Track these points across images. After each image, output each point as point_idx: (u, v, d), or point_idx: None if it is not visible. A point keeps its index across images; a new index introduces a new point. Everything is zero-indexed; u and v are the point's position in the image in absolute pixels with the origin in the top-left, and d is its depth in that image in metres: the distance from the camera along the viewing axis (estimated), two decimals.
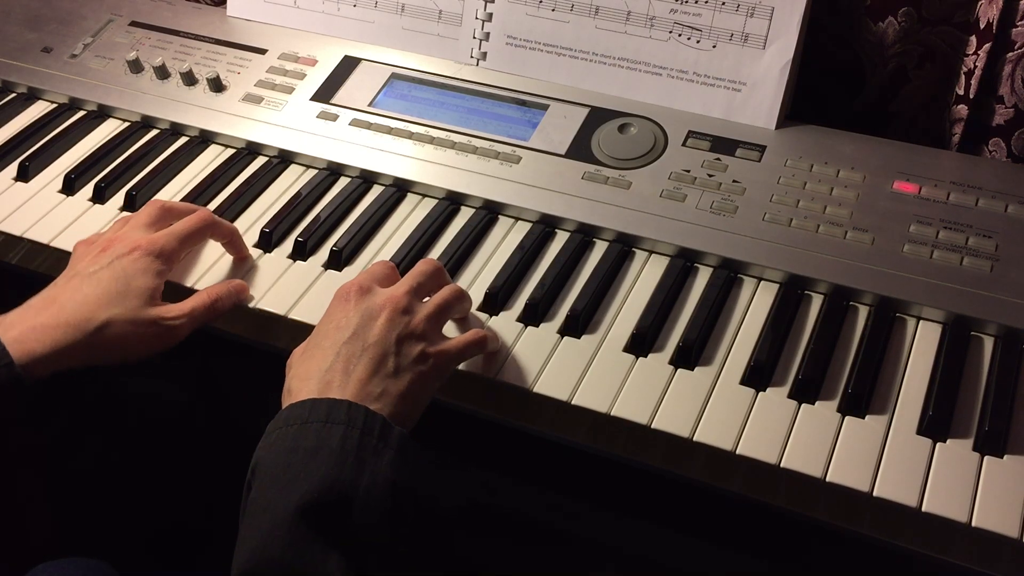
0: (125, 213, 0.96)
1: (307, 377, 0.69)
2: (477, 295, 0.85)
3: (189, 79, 1.07)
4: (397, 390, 0.69)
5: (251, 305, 0.85)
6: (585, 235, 0.90)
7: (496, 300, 0.84)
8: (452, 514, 1.06)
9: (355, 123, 1.00)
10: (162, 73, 1.08)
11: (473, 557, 1.07)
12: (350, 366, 0.69)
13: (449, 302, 0.77)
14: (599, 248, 0.89)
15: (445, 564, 1.08)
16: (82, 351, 0.75)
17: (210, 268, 0.89)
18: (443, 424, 0.85)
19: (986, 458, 0.71)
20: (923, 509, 0.68)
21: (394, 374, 0.70)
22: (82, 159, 1.02)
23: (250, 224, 0.93)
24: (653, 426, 0.74)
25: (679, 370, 0.78)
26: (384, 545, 0.64)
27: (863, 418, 0.74)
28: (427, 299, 0.77)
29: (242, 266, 0.89)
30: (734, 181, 0.91)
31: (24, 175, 1.00)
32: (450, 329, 0.82)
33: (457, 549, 1.08)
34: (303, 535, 0.60)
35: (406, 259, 0.88)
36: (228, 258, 0.90)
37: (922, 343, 0.79)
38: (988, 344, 0.79)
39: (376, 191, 0.96)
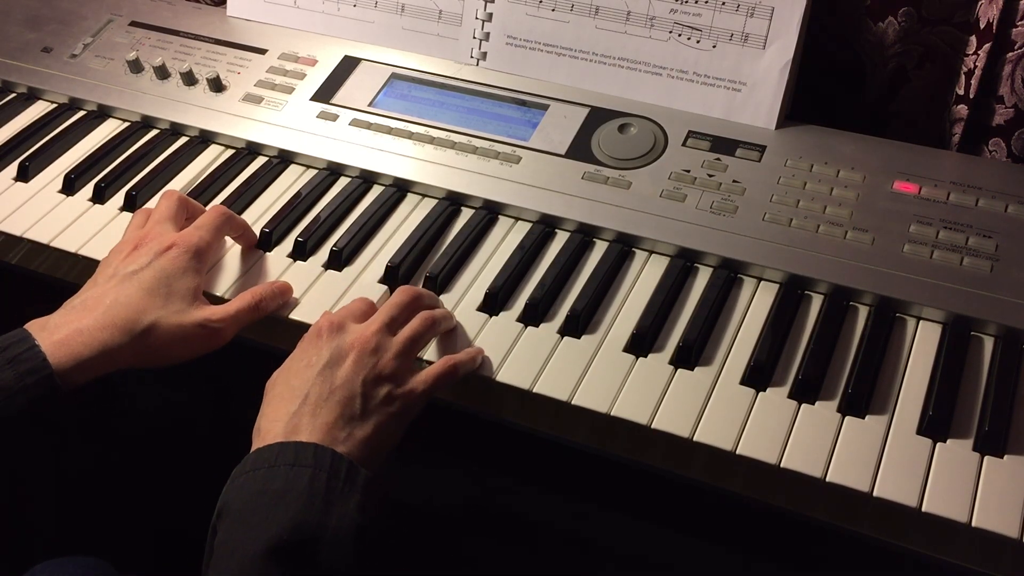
0: (125, 213, 0.96)
1: (275, 419, 0.70)
2: (477, 295, 0.85)
3: (189, 79, 1.07)
4: (363, 434, 0.70)
5: (283, 315, 0.85)
6: (585, 235, 0.90)
7: (496, 300, 0.84)
8: (452, 514, 1.06)
9: (355, 123, 1.00)
10: (162, 73, 1.08)
11: (473, 557, 1.07)
12: (317, 409, 0.69)
13: (419, 333, 0.77)
14: (599, 248, 0.89)
15: (445, 564, 1.08)
16: (128, 353, 0.75)
17: (213, 266, 0.89)
18: (444, 424, 0.85)
19: (986, 458, 0.71)
20: (923, 509, 0.68)
21: (360, 417, 0.70)
22: (82, 159, 1.02)
23: (250, 224, 0.93)
24: (653, 426, 0.74)
25: (679, 370, 0.78)
26: None
27: (863, 418, 0.74)
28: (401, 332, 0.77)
29: (245, 264, 0.89)
30: (734, 181, 0.91)
31: (24, 175, 1.00)
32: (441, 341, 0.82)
33: (457, 549, 1.08)
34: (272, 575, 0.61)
35: (406, 259, 0.88)
36: (232, 256, 0.90)
37: (922, 343, 0.79)
38: (988, 344, 0.79)
39: (376, 191, 0.96)
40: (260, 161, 1.01)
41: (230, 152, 1.03)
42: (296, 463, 0.65)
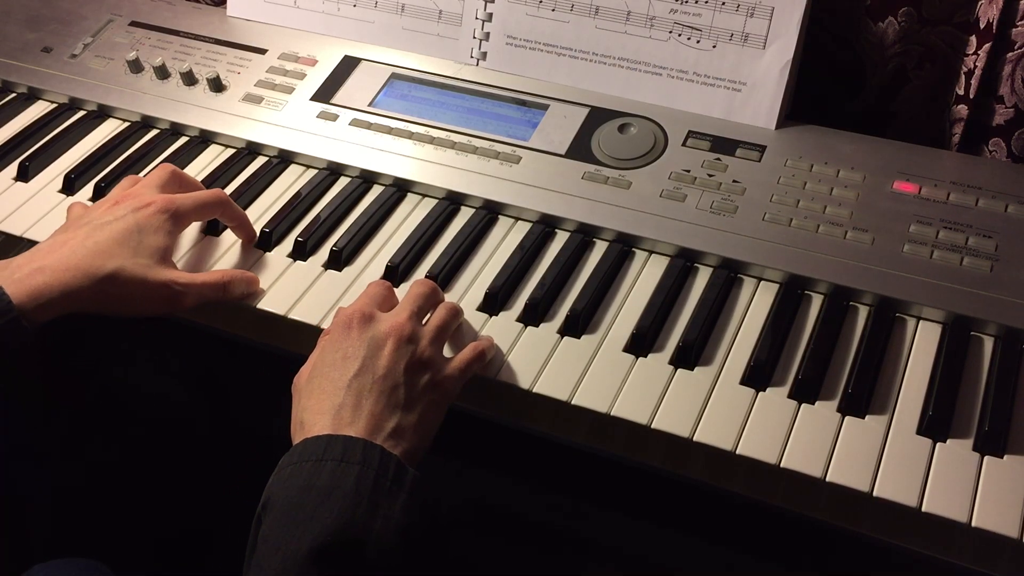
0: None
1: (320, 411, 0.69)
2: (477, 295, 0.85)
3: (189, 79, 1.07)
4: (409, 423, 0.70)
5: (251, 305, 0.85)
6: (585, 235, 0.90)
7: (496, 300, 0.84)
8: (452, 514, 1.06)
9: (355, 123, 1.00)
10: (162, 73, 1.08)
11: (472, 557, 1.07)
12: (361, 400, 0.69)
13: (447, 322, 0.78)
14: (599, 248, 0.89)
15: (444, 564, 1.08)
16: (88, 297, 0.76)
17: (215, 263, 0.89)
18: (443, 424, 0.85)
19: (986, 458, 0.70)
20: (923, 509, 0.68)
21: (405, 406, 0.70)
22: (82, 159, 1.02)
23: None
24: (653, 426, 0.74)
25: (679, 370, 0.78)
26: None
27: (863, 418, 0.74)
28: (427, 320, 0.78)
29: (245, 263, 0.89)
30: (734, 181, 0.91)
31: (24, 175, 1.00)
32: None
33: (456, 549, 1.08)
34: None
35: (406, 259, 0.88)
36: (232, 256, 0.90)
37: (922, 343, 0.79)
38: (988, 344, 0.79)
39: (376, 191, 0.96)
40: (260, 161, 1.01)
41: (230, 152, 1.03)
42: (344, 459, 0.64)
